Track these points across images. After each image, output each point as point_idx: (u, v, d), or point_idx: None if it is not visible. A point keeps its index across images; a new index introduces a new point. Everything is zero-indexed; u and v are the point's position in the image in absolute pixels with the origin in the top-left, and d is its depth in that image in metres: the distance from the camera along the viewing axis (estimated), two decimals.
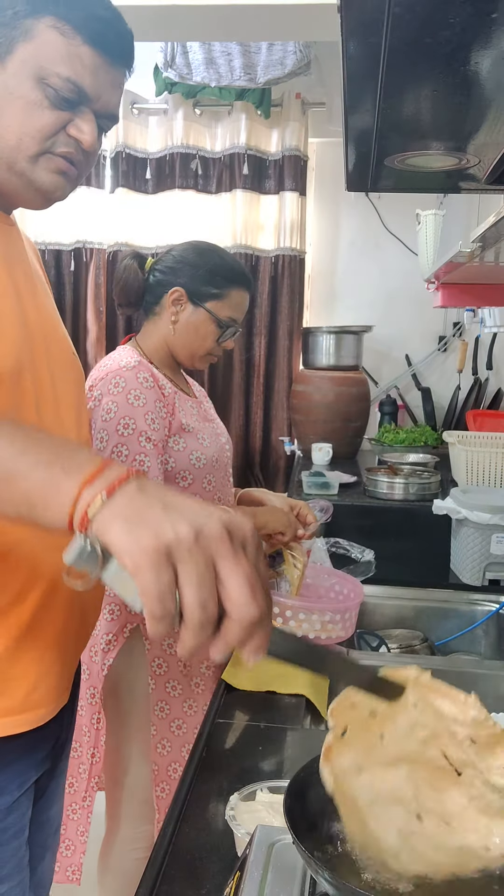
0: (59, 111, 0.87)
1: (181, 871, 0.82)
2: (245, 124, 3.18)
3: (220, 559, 0.56)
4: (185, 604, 0.54)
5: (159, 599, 0.53)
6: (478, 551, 1.78)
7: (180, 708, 1.46)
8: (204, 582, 0.54)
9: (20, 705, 0.91)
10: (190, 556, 0.54)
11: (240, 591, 0.55)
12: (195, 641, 0.55)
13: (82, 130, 0.89)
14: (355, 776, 0.63)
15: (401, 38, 0.68)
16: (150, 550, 0.54)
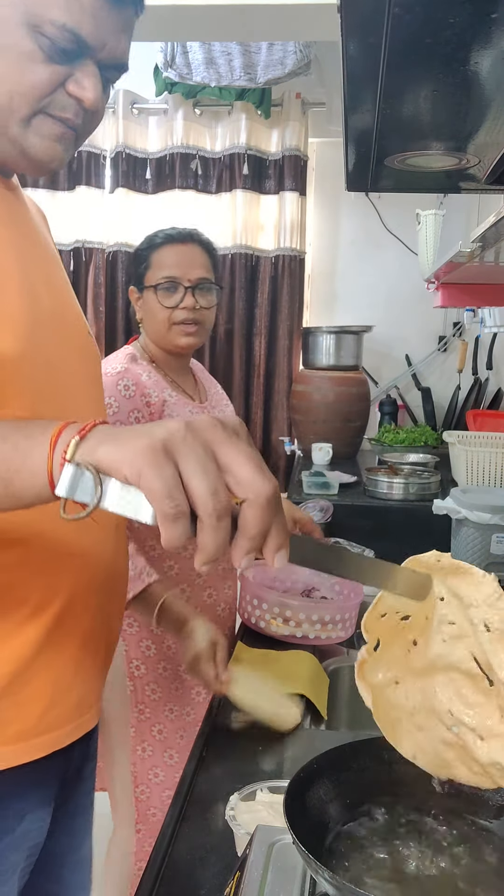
0: (56, 65, 0.74)
1: (181, 871, 0.82)
2: (245, 124, 3.18)
3: (217, 445, 0.53)
4: (196, 496, 0.51)
5: (168, 496, 0.50)
6: (478, 551, 1.78)
7: (161, 712, 1.46)
8: (208, 469, 0.52)
9: (33, 728, 0.81)
10: (187, 446, 0.52)
11: (247, 470, 0.52)
12: (215, 539, 0.52)
13: (83, 86, 0.76)
14: (392, 689, 0.63)
15: (401, 38, 0.68)
16: (145, 450, 0.51)
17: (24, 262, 0.81)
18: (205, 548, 0.52)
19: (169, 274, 1.45)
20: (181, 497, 0.51)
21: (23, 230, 0.85)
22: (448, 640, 0.62)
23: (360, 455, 3.03)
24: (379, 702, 0.63)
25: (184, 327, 1.45)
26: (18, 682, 0.79)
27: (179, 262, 1.46)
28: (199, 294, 1.46)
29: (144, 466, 0.51)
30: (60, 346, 0.84)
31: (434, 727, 0.62)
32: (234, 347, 3.28)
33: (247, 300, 3.26)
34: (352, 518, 2.08)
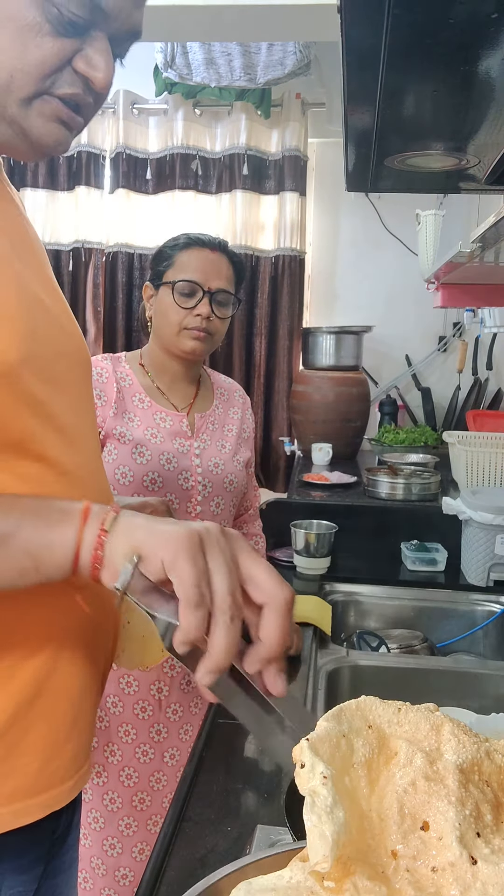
0: (64, 38, 0.65)
1: (181, 871, 0.81)
2: (245, 124, 3.18)
3: (240, 553, 0.56)
4: (216, 592, 0.54)
5: (197, 585, 0.53)
6: (483, 552, 1.78)
7: (147, 733, 1.44)
8: (231, 571, 0.55)
9: (32, 786, 0.73)
10: (218, 546, 0.55)
11: (268, 577, 0.56)
12: (226, 638, 0.54)
13: (94, 65, 0.67)
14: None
15: (401, 38, 0.68)
16: (184, 538, 0.55)
17: (19, 260, 0.74)
18: (213, 647, 0.54)
19: (191, 277, 1.42)
20: (206, 590, 0.54)
21: (15, 227, 0.78)
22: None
23: (360, 455, 3.03)
24: None
25: (194, 332, 1.43)
26: (16, 729, 0.72)
27: (204, 268, 1.43)
28: (216, 304, 1.44)
29: (181, 552, 0.55)
30: (59, 346, 0.79)
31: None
32: (234, 347, 3.28)
33: (247, 300, 3.26)
34: (352, 518, 2.08)
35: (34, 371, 0.72)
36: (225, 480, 1.48)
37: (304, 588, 1.80)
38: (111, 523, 0.60)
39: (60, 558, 0.60)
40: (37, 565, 0.61)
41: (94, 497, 0.80)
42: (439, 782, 0.48)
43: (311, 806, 0.44)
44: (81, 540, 0.60)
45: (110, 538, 0.59)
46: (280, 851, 0.56)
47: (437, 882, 0.45)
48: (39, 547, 0.60)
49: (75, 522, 0.60)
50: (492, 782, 0.50)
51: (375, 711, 0.53)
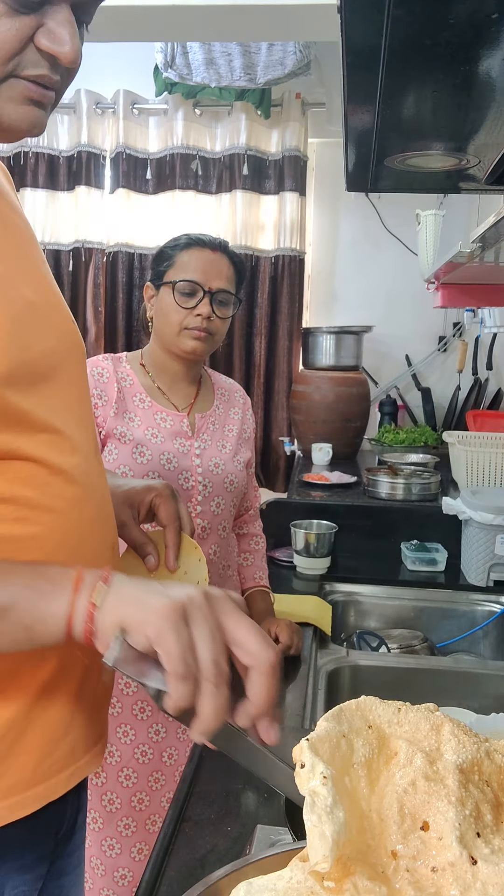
0: (21, 15, 0.60)
1: (181, 870, 0.81)
2: (245, 124, 3.18)
3: (225, 616, 0.59)
4: (200, 661, 0.56)
5: (182, 658, 0.56)
6: (483, 552, 1.78)
7: (145, 733, 1.44)
8: (216, 638, 0.57)
9: (27, 781, 0.74)
10: (201, 614, 0.57)
11: (253, 640, 0.58)
12: (212, 704, 0.57)
13: (57, 39, 0.62)
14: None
15: (401, 38, 0.68)
16: (168, 612, 0.56)
17: (2, 263, 0.70)
18: (202, 713, 0.57)
19: (192, 277, 1.42)
20: (192, 661, 0.57)
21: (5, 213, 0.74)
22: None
23: (360, 455, 3.03)
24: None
25: (195, 332, 1.43)
26: (14, 731, 0.73)
27: (205, 268, 1.43)
28: (217, 304, 1.44)
29: (165, 627, 0.56)
30: (46, 343, 0.74)
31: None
32: (233, 347, 3.28)
33: (247, 300, 3.26)
34: (352, 518, 2.08)
35: (20, 382, 0.69)
36: (225, 480, 1.48)
37: (304, 588, 1.80)
38: (101, 597, 0.61)
39: (54, 630, 0.62)
40: (31, 637, 0.63)
41: (91, 493, 0.80)
42: (439, 782, 0.48)
43: (311, 806, 0.44)
44: (73, 613, 0.62)
45: (99, 613, 0.61)
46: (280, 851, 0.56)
47: (437, 882, 0.45)
48: (34, 621, 0.62)
49: (67, 595, 0.62)
50: (492, 782, 0.50)
51: (375, 711, 0.53)
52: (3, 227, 0.73)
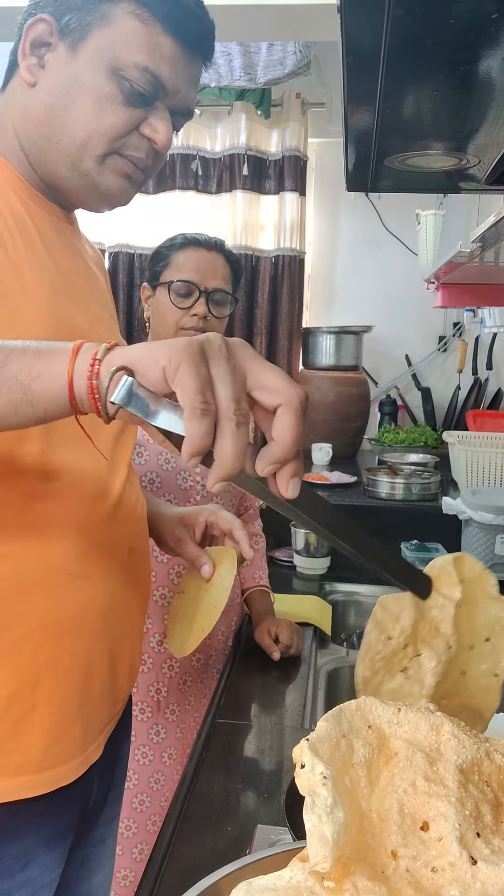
0: (134, 108, 0.80)
1: (181, 870, 0.82)
2: (245, 124, 3.18)
3: (248, 361, 0.55)
4: (220, 399, 0.52)
5: (201, 391, 0.52)
6: (483, 552, 1.78)
7: (146, 734, 1.44)
8: (236, 378, 0.54)
9: (38, 762, 0.78)
10: (221, 354, 0.54)
11: (278, 378, 0.55)
12: (233, 446, 0.52)
13: (157, 130, 0.82)
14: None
15: (401, 38, 0.68)
16: (185, 347, 0.53)
17: (57, 291, 0.81)
18: (222, 455, 0.52)
19: (187, 277, 1.42)
20: (211, 397, 0.52)
21: (71, 262, 0.87)
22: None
23: (360, 455, 3.03)
24: None
25: (191, 332, 1.42)
26: (19, 707, 0.76)
27: (200, 268, 1.43)
28: (213, 304, 1.43)
29: (183, 362, 0.52)
30: None
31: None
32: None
33: (247, 300, 3.27)
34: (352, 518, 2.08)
35: None
36: None
37: (304, 588, 1.80)
38: (103, 352, 0.57)
39: (53, 390, 0.58)
40: (30, 398, 0.58)
41: (95, 500, 0.82)
42: (439, 782, 0.48)
43: (311, 806, 0.44)
44: (73, 371, 0.58)
45: (104, 364, 0.57)
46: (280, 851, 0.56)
47: (437, 882, 0.45)
48: (30, 378, 0.58)
49: (66, 356, 0.58)
50: (492, 782, 0.50)
51: (375, 712, 0.53)
52: (76, 274, 0.87)
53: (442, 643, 0.65)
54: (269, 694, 1.27)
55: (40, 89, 0.80)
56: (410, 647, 0.67)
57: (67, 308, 0.82)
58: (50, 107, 0.79)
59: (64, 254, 0.86)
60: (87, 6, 0.78)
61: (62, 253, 0.85)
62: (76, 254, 0.90)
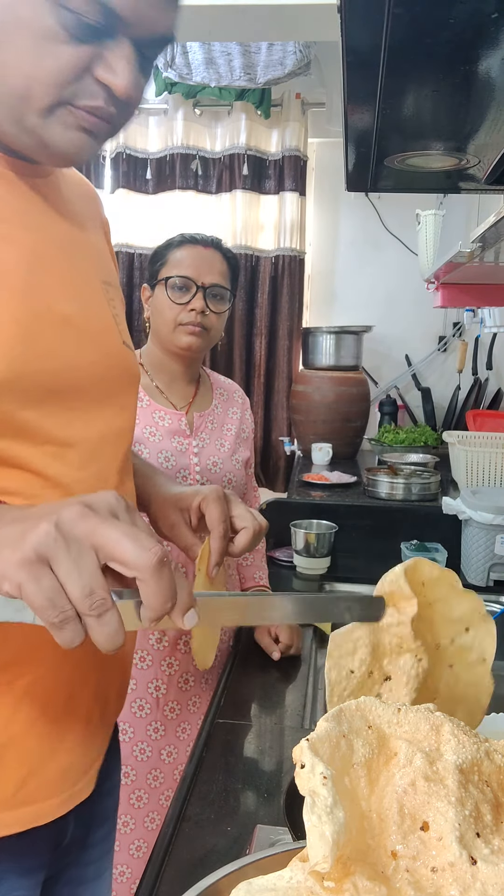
0: (81, 45, 0.62)
1: (181, 871, 0.81)
2: (245, 124, 3.18)
3: (91, 536, 0.52)
4: (73, 599, 0.51)
5: (51, 606, 0.50)
6: (482, 552, 1.78)
7: (144, 731, 1.44)
8: (82, 568, 0.51)
9: (9, 800, 0.72)
10: (59, 549, 0.51)
11: (126, 549, 0.51)
12: (102, 634, 0.52)
13: (114, 71, 0.63)
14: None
15: (401, 38, 0.68)
16: (20, 563, 0.50)
17: (34, 272, 0.70)
18: (96, 643, 0.52)
19: (184, 273, 1.43)
20: (63, 603, 0.51)
21: (49, 230, 0.74)
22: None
23: (360, 455, 3.03)
24: None
25: (189, 327, 1.43)
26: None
27: (197, 264, 1.44)
28: (211, 299, 1.44)
29: (23, 581, 0.50)
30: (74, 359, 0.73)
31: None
32: (234, 347, 3.28)
33: (247, 300, 3.27)
34: (352, 518, 2.08)
35: (28, 391, 0.68)
36: (223, 479, 1.49)
37: (304, 588, 1.80)
38: None
39: None
40: None
41: None
42: (439, 782, 0.48)
43: (311, 806, 0.44)
44: None
45: None
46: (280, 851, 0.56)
47: (437, 882, 0.45)
48: None
49: None
50: (492, 782, 0.50)
51: (375, 712, 0.53)
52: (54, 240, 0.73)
53: (409, 659, 0.65)
54: (269, 694, 1.27)
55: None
56: (376, 672, 0.66)
57: (49, 293, 0.71)
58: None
59: (38, 221, 0.72)
60: None
61: (36, 220, 0.72)
62: (56, 217, 0.76)
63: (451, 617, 0.69)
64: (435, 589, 0.68)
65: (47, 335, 0.70)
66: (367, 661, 0.65)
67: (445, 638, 0.69)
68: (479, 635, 0.70)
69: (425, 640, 0.66)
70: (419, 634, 0.65)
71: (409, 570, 0.67)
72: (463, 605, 0.69)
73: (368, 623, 0.65)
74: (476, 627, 0.70)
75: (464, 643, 0.69)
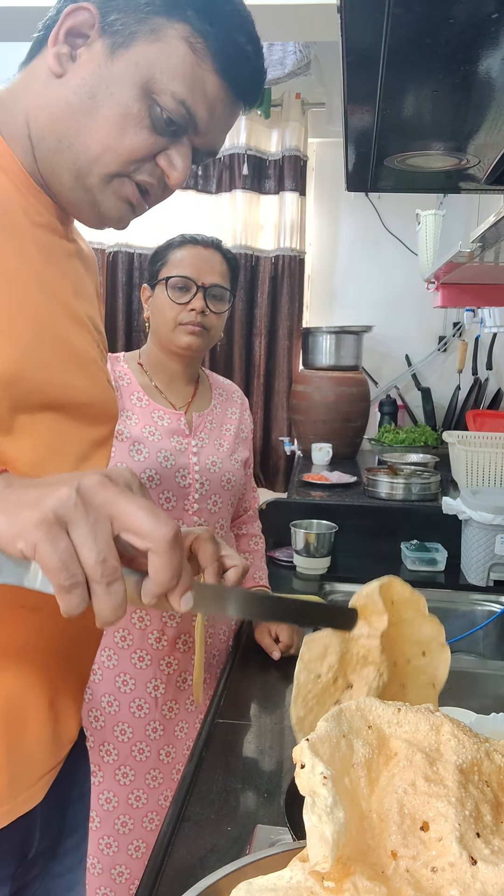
0: (158, 136, 0.73)
1: (181, 871, 0.81)
2: (245, 124, 3.18)
3: (109, 505, 0.53)
4: (85, 565, 0.51)
5: (64, 569, 0.51)
6: (483, 552, 1.78)
7: (143, 731, 1.44)
8: (98, 535, 0.52)
9: None
10: (78, 513, 0.52)
11: (142, 520, 0.52)
12: (107, 604, 0.52)
13: (174, 165, 0.75)
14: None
15: (401, 38, 0.68)
16: (39, 523, 0.51)
17: (45, 282, 0.76)
18: (99, 613, 0.53)
19: (184, 273, 1.44)
20: (76, 567, 0.51)
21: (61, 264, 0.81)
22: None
23: (360, 455, 3.03)
24: None
25: (189, 327, 1.44)
26: None
27: (197, 264, 1.45)
28: (211, 299, 1.44)
29: (39, 541, 0.51)
30: (70, 379, 0.78)
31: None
32: (233, 347, 3.28)
33: (247, 300, 3.27)
34: (352, 518, 2.08)
35: (25, 392, 0.71)
36: (222, 479, 1.49)
37: (304, 588, 1.80)
38: None
39: None
40: None
41: None
42: (439, 783, 0.48)
43: (312, 806, 0.44)
44: None
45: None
46: (280, 851, 0.56)
47: (437, 882, 0.45)
48: None
49: None
50: (492, 782, 0.50)
51: (375, 712, 0.53)
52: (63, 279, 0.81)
53: (372, 671, 0.66)
54: (269, 694, 1.27)
55: (65, 83, 0.73)
56: (341, 679, 0.67)
57: (55, 314, 0.78)
58: (70, 105, 0.72)
59: (54, 255, 0.80)
60: (138, 12, 0.70)
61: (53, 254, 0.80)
62: (69, 257, 0.84)
63: (413, 639, 0.71)
64: (403, 609, 0.70)
65: (49, 349, 0.75)
66: (335, 667, 0.66)
67: (403, 657, 0.70)
68: (434, 661, 0.71)
69: (387, 656, 0.67)
70: (384, 649, 0.66)
71: (384, 587, 0.68)
72: (425, 629, 0.71)
73: (340, 631, 0.67)
74: (432, 654, 0.71)
75: (418, 665, 0.71)
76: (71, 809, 0.91)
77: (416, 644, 0.71)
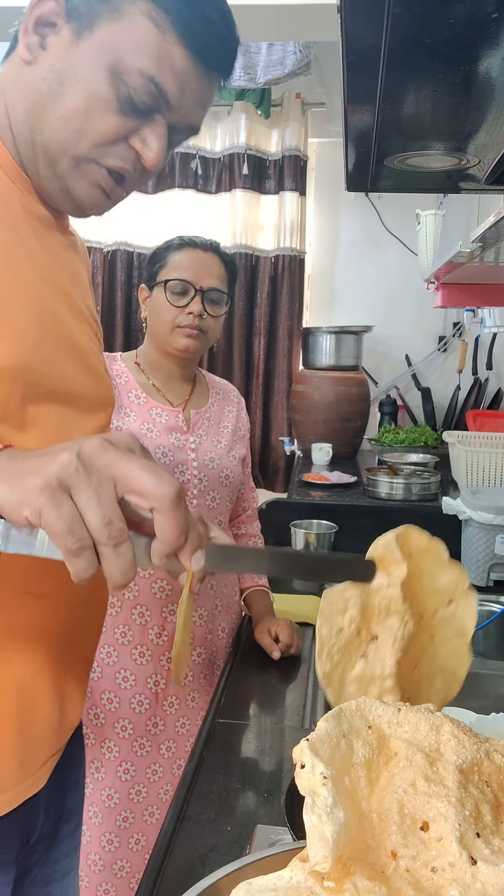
0: (127, 117, 0.72)
1: (181, 870, 0.82)
2: (245, 124, 3.18)
3: (110, 467, 0.53)
4: (91, 528, 0.51)
5: (70, 532, 0.51)
6: (483, 552, 1.78)
7: (143, 727, 1.45)
8: (102, 497, 0.52)
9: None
10: (80, 477, 0.52)
11: (144, 480, 0.53)
12: (116, 566, 0.52)
13: (148, 145, 0.74)
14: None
15: (401, 38, 0.68)
16: (42, 489, 0.51)
17: (46, 276, 0.77)
18: (110, 575, 0.53)
19: (183, 276, 1.45)
20: (82, 531, 0.51)
21: (58, 255, 0.82)
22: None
23: (360, 455, 3.03)
24: None
25: (187, 330, 1.45)
26: None
27: (195, 268, 1.46)
28: (209, 303, 1.45)
29: (43, 507, 0.51)
30: (71, 372, 0.79)
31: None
32: (233, 347, 3.28)
33: (246, 300, 3.27)
34: (352, 518, 2.08)
35: (30, 382, 0.72)
36: (221, 475, 1.50)
37: (305, 588, 1.80)
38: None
39: None
40: None
41: None
42: (439, 783, 0.48)
43: (311, 806, 0.44)
44: None
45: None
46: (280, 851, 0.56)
47: (437, 882, 0.45)
48: None
49: None
50: (492, 782, 0.50)
51: (375, 712, 0.53)
52: (62, 274, 0.81)
53: (396, 621, 0.66)
54: (269, 694, 1.27)
55: (35, 71, 0.73)
56: (364, 631, 0.67)
57: (57, 308, 0.78)
58: (40, 92, 0.72)
59: (53, 247, 0.81)
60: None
61: (52, 246, 0.80)
62: (65, 249, 0.84)
63: (436, 588, 0.71)
64: (421, 561, 0.70)
65: (51, 341, 0.76)
66: (357, 620, 0.66)
67: (428, 610, 0.70)
68: (461, 609, 0.71)
69: (411, 606, 0.67)
70: (406, 599, 0.66)
71: (401, 536, 0.68)
72: (447, 577, 0.71)
73: (360, 584, 0.66)
74: (458, 601, 0.71)
75: (445, 616, 0.71)
76: (69, 795, 0.93)
77: (440, 594, 0.70)
